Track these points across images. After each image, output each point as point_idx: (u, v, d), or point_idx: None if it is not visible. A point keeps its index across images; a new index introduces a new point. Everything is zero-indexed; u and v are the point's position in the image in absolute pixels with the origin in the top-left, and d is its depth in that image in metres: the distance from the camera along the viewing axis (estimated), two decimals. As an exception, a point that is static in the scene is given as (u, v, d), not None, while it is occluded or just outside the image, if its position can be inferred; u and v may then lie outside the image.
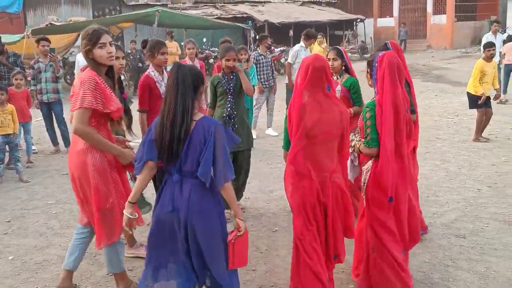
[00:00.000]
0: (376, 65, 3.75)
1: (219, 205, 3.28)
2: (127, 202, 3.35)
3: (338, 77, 5.52)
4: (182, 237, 3.17)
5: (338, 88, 5.40)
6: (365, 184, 3.80)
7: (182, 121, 3.08)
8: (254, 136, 9.48)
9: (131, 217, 3.31)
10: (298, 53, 10.20)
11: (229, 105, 5.73)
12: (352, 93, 5.45)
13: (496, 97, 9.14)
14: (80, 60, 9.37)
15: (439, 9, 32.11)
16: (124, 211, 3.33)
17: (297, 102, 3.58)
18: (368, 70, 3.92)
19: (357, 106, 5.40)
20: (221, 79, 5.73)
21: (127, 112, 4.50)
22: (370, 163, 3.80)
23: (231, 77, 5.68)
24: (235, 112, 5.73)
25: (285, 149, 3.87)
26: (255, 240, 5.10)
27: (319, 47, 15.00)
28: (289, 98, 6.75)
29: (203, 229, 3.16)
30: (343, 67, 5.53)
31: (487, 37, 13.17)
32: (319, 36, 14.64)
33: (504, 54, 12.62)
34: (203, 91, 3.30)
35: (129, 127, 4.47)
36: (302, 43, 10.42)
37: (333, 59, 5.47)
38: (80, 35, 3.79)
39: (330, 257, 3.75)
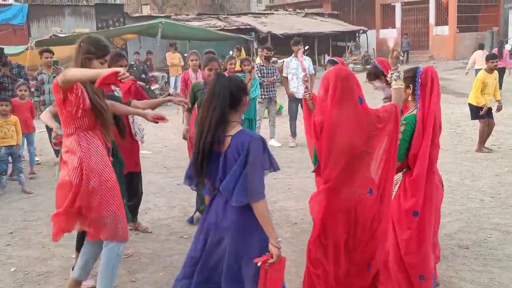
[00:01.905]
0: (420, 80, 3.77)
1: (258, 227, 3.01)
2: None
3: None
4: (217, 253, 3.05)
5: None
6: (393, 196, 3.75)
7: (212, 135, 2.95)
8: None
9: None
10: (288, 63, 10.21)
11: None
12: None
13: (498, 108, 9.14)
14: None
15: (441, 20, 32.23)
16: None
17: (326, 120, 3.38)
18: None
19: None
20: (202, 87, 5.83)
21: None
22: (400, 175, 3.80)
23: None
24: None
25: (315, 164, 3.79)
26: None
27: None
28: (291, 108, 6.78)
29: (235, 249, 2.99)
30: None
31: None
32: (235, 50, 13.53)
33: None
34: (247, 103, 3.14)
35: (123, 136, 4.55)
36: (293, 55, 10.37)
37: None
38: (85, 39, 3.78)
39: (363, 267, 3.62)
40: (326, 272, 3.56)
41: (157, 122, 4.46)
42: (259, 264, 2.95)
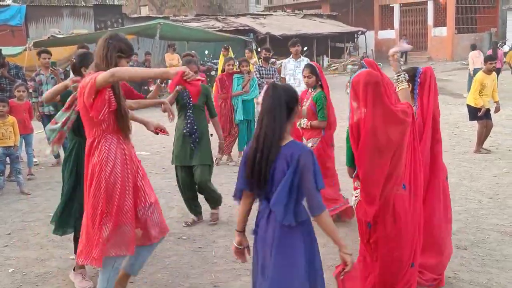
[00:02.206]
0: (419, 80, 3.95)
1: (305, 241, 2.93)
2: (235, 231, 3.16)
3: (312, 90, 5.85)
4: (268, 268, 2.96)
5: (309, 101, 5.79)
6: None
7: (269, 145, 2.87)
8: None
9: (239, 246, 3.16)
10: (286, 64, 10.21)
11: (189, 120, 5.77)
12: (317, 107, 5.73)
13: (496, 109, 9.15)
14: None
15: (439, 21, 32.30)
16: (234, 242, 3.18)
17: (363, 124, 3.48)
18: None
19: (318, 121, 5.73)
20: (182, 92, 5.70)
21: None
22: None
23: None
24: (195, 127, 5.76)
25: (348, 165, 3.94)
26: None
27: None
28: None
29: (280, 263, 2.89)
30: (318, 82, 5.81)
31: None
32: (247, 51, 13.11)
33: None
34: (299, 113, 3.13)
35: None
36: (291, 56, 10.33)
37: (307, 76, 5.77)
38: (113, 36, 3.65)
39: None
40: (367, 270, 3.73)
41: (157, 133, 4.39)
42: (334, 276, 2.91)
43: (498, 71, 15.29)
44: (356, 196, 3.76)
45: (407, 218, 3.62)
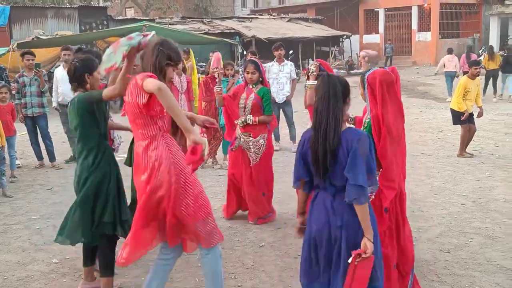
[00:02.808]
0: (367, 84, 3.82)
1: (372, 219, 3.13)
2: (298, 214, 3.42)
3: (254, 86, 5.95)
4: (333, 253, 3.09)
5: (252, 95, 5.88)
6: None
7: (334, 133, 3.00)
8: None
9: (302, 226, 3.34)
10: (270, 68, 10.24)
11: None
12: (264, 102, 5.89)
13: (479, 114, 9.23)
14: (58, 75, 9.29)
15: (423, 26, 32.61)
16: (296, 224, 3.41)
17: (382, 117, 3.71)
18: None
19: (265, 115, 5.94)
20: None
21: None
22: None
23: None
24: None
25: None
26: (241, 256, 5.08)
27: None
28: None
29: (353, 243, 3.04)
30: (260, 79, 6.00)
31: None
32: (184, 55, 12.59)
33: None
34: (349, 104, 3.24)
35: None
36: (275, 59, 10.34)
37: (251, 72, 5.87)
38: (163, 43, 3.54)
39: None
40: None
41: (206, 128, 4.21)
42: (349, 260, 3.00)
43: None
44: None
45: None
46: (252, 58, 6.38)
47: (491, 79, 16.79)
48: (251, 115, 5.89)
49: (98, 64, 3.96)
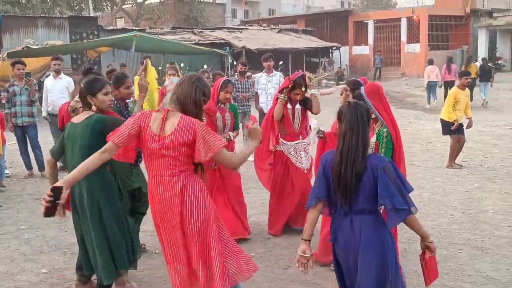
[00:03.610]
0: (368, 97, 4.17)
1: (391, 239, 3.30)
2: (302, 240, 3.28)
3: (224, 105, 5.97)
4: (355, 275, 3.20)
5: (227, 114, 5.93)
6: None
7: (361, 159, 3.11)
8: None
9: (304, 255, 3.25)
10: (259, 79, 10.29)
11: None
12: (235, 117, 6.06)
13: (469, 125, 9.30)
14: (48, 84, 9.28)
15: (412, 38, 32.90)
16: (298, 250, 3.28)
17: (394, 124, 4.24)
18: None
19: (237, 131, 6.15)
20: (115, 108, 5.19)
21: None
22: None
23: (125, 105, 5.13)
24: None
25: None
26: (231, 266, 5.06)
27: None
28: (261, 123, 6.92)
29: (375, 265, 3.13)
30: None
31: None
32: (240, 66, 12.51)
33: None
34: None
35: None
36: (264, 70, 10.38)
37: (230, 92, 5.90)
38: (199, 79, 3.51)
39: None
40: None
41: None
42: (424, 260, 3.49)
43: (452, 83, 17.08)
44: None
45: None
46: (227, 79, 6.36)
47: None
48: (231, 132, 5.96)
49: (104, 85, 4.05)
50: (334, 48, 32.84)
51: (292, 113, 5.86)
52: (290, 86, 5.73)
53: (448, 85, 17.74)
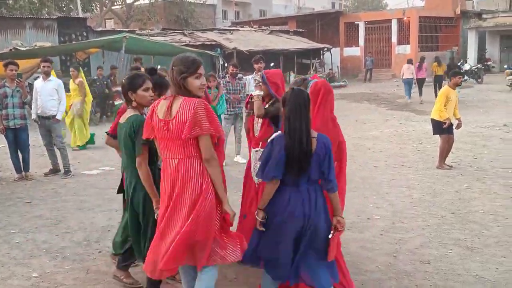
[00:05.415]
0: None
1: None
2: (260, 210, 3.74)
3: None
4: (305, 239, 3.65)
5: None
6: None
7: (307, 139, 3.57)
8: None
9: (263, 221, 3.72)
10: (250, 81, 10.31)
11: None
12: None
13: (458, 126, 9.36)
14: (37, 86, 9.20)
15: (403, 39, 33.05)
16: (259, 217, 3.73)
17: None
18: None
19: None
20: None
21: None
22: None
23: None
24: None
25: None
26: (223, 268, 5.06)
27: (73, 84, 12.08)
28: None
29: (325, 226, 3.70)
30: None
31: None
32: (71, 69, 12.21)
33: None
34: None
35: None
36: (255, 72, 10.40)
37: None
38: (174, 60, 3.55)
39: None
40: None
41: None
42: (330, 236, 3.74)
43: (422, 81, 20.90)
44: None
45: None
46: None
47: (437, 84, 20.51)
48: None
49: (145, 81, 4.11)
50: (325, 49, 32.90)
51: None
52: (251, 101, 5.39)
53: (419, 82, 20.74)
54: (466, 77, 24.14)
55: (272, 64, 23.40)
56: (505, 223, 6.25)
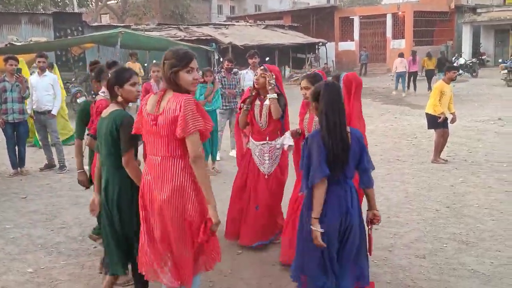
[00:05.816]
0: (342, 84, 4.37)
1: None
2: (315, 219, 3.51)
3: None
4: (342, 237, 3.60)
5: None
6: None
7: (342, 133, 3.50)
8: (218, 158, 9.48)
9: (319, 230, 3.50)
10: (245, 75, 10.30)
11: None
12: None
13: (453, 120, 9.37)
14: (33, 82, 9.15)
15: (398, 34, 33.08)
16: (313, 227, 3.52)
17: None
18: None
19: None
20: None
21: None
22: None
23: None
24: None
25: None
26: (218, 263, 5.06)
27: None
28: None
29: (358, 221, 3.64)
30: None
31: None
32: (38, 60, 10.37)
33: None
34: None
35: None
36: (250, 67, 10.40)
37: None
38: (166, 54, 3.46)
39: None
40: None
41: None
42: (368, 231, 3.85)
43: (415, 74, 21.73)
44: None
45: None
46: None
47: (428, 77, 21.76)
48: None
49: (132, 76, 3.89)
50: (320, 44, 32.90)
51: (260, 110, 5.37)
52: (252, 94, 5.40)
53: (412, 75, 21.50)
54: (461, 71, 24.13)
55: (267, 59, 23.36)
56: (499, 217, 6.28)
